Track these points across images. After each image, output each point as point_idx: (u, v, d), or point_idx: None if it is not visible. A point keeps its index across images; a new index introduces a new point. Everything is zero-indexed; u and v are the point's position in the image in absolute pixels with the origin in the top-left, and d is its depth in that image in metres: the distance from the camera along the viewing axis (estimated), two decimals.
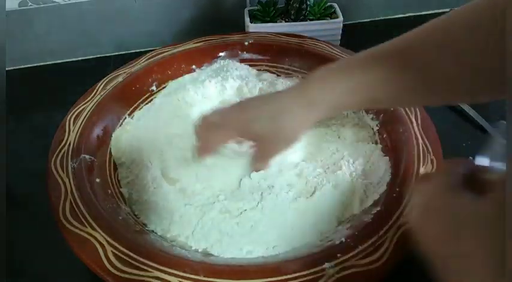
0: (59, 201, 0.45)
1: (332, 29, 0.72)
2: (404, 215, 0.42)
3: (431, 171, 0.47)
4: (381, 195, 0.47)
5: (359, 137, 0.55)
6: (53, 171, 0.48)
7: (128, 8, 0.74)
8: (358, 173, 0.50)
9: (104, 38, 0.77)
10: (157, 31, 0.78)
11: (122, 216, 0.46)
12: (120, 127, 0.57)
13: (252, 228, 0.46)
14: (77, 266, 0.40)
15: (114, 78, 0.61)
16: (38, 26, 0.73)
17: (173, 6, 0.76)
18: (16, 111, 0.67)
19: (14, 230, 0.47)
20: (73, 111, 0.56)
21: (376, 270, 0.38)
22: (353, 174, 0.49)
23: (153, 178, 0.50)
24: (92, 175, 0.49)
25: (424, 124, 0.52)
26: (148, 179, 0.50)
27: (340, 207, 0.47)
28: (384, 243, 0.40)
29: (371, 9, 0.84)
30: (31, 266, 0.48)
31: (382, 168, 0.49)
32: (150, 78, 0.63)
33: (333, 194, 0.47)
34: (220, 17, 0.78)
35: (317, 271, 0.38)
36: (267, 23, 0.72)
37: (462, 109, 0.63)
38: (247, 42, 0.67)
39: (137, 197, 0.50)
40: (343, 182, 0.48)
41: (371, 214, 0.44)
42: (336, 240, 0.42)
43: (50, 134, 0.53)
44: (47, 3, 0.71)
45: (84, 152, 0.51)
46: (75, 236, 0.42)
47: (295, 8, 0.71)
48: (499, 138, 0.56)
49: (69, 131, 0.53)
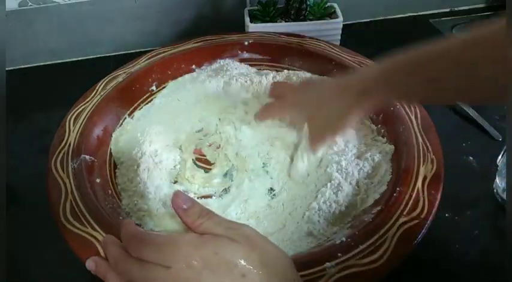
0: (59, 201, 0.45)
1: (332, 29, 0.72)
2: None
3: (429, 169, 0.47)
4: (382, 195, 0.47)
5: (359, 136, 0.55)
6: (53, 171, 0.48)
7: (127, 8, 0.74)
8: (358, 172, 0.49)
9: (104, 38, 0.77)
10: (157, 31, 0.78)
11: (122, 216, 0.46)
12: (120, 127, 0.57)
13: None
14: (77, 266, 0.40)
15: (114, 78, 0.61)
16: (38, 26, 0.73)
17: (173, 6, 0.76)
18: (16, 111, 0.67)
19: (14, 230, 0.46)
20: (73, 111, 0.56)
21: (377, 270, 0.38)
22: (353, 174, 0.49)
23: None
24: (92, 175, 0.49)
25: (424, 124, 0.52)
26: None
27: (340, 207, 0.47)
28: (384, 243, 0.40)
29: (371, 9, 0.84)
30: (31, 266, 0.48)
31: (383, 168, 0.49)
32: (150, 78, 0.63)
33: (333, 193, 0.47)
34: (220, 17, 0.78)
35: (317, 271, 0.38)
36: (267, 23, 0.72)
37: (462, 109, 0.63)
38: (247, 42, 0.67)
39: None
40: (343, 182, 0.48)
41: (371, 214, 0.44)
42: (337, 239, 0.41)
43: (50, 134, 0.53)
44: (47, 3, 0.71)
45: (84, 152, 0.51)
46: (75, 236, 0.42)
47: (295, 8, 0.71)
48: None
49: (69, 131, 0.53)
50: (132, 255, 0.32)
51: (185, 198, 0.34)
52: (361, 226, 0.42)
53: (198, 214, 0.32)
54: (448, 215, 0.50)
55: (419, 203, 0.44)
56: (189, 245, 0.30)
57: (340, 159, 0.50)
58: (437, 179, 0.46)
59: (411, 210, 0.43)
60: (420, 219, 0.42)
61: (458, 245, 0.47)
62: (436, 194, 0.44)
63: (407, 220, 0.42)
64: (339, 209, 0.46)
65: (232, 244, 0.30)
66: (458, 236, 0.48)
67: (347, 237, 0.41)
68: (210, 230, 0.32)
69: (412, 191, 0.45)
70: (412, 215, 0.43)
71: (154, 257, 0.30)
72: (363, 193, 0.48)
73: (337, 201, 0.47)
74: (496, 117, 0.62)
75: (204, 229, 0.32)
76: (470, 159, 0.56)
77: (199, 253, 0.30)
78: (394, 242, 0.40)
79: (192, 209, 0.33)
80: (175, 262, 0.30)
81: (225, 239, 0.31)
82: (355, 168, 0.49)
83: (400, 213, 0.43)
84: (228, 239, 0.30)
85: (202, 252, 0.30)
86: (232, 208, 0.49)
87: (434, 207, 0.43)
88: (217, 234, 0.31)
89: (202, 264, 0.29)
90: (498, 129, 0.59)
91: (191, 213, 0.33)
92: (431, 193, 0.45)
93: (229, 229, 0.31)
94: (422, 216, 0.42)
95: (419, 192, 0.45)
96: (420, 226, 0.42)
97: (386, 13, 0.85)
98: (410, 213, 0.43)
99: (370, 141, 0.54)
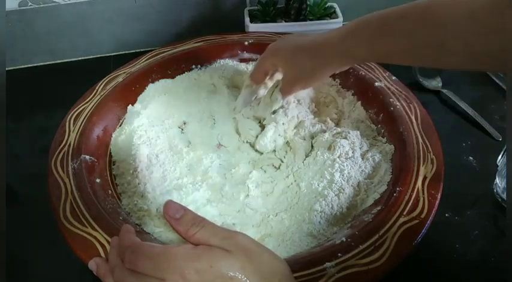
0: (59, 201, 0.45)
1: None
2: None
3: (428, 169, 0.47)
4: (382, 195, 0.47)
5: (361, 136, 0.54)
6: (53, 171, 0.48)
7: (128, 8, 0.74)
8: (360, 174, 0.49)
9: (104, 38, 0.77)
10: (157, 31, 0.78)
11: (122, 216, 0.46)
12: (120, 127, 0.57)
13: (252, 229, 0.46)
14: (77, 266, 0.40)
15: (114, 78, 0.61)
16: (38, 26, 0.73)
17: (173, 6, 0.76)
18: (16, 111, 0.67)
19: (14, 229, 0.46)
20: (73, 111, 0.56)
21: (377, 270, 0.38)
22: (355, 176, 0.49)
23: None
24: (92, 175, 0.49)
25: (424, 124, 0.52)
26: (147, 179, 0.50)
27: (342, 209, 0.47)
28: (384, 243, 0.40)
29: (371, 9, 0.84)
30: (31, 266, 0.48)
31: (383, 168, 0.49)
32: (150, 78, 0.63)
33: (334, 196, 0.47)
34: (220, 17, 0.78)
35: (318, 271, 0.38)
36: (267, 23, 0.72)
37: (462, 109, 0.63)
38: (247, 42, 0.67)
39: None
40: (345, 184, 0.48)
41: (371, 213, 0.44)
42: (336, 239, 0.41)
43: (50, 134, 0.53)
44: (47, 3, 0.71)
45: (84, 152, 0.51)
46: (75, 236, 0.42)
47: (295, 8, 0.71)
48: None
49: (69, 131, 0.53)
50: (126, 267, 0.32)
51: (177, 207, 0.34)
52: (361, 226, 0.42)
53: (191, 222, 0.32)
54: (448, 215, 0.50)
55: (419, 203, 0.44)
56: (183, 257, 0.30)
57: (343, 163, 0.49)
58: (437, 179, 0.46)
59: (411, 210, 0.43)
60: (420, 219, 0.42)
61: (458, 245, 0.47)
62: (436, 194, 0.44)
63: (407, 220, 0.42)
64: (340, 211, 0.46)
65: (227, 256, 0.30)
66: (458, 236, 0.48)
67: (347, 237, 0.41)
68: (204, 240, 0.31)
69: (412, 191, 0.45)
70: (412, 215, 0.43)
71: (149, 269, 0.30)
72: (363, 193, 0.48)
73: (339, 203, 0.46)
74: (496, 117, 0.62)
75: (198, 239, 0.32)
76: (470, 159, 0.56)
77: (193, 265, 0.30)
78: (394, 242, 0.40)
79: (185, 218, 0.33)
80: (170, 274, 0.30)
81: (220, 251, 0.30)
82: (357, 171, 0.49)
83: (400, 213, 0.43)
84: (223, 251, 0.30)
85: (197, 264, 0.30)
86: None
87: (434, 207, 0.43)
88: (211, 245, 0.31)
89: (197, 277, 0.29)
90: (498, 129, 0.59)
91: (184, 222, 0.33)
92: (431, 193, 0.45)
93: (224, 239, 0.31)
94: (422, 216, 0.42)
95: (419, 192, 0.45)
96: (420, 226, 0.42)
97: None
98: (410, 213, 0.43)
99: (370, 141, 0.54)
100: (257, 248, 0.32)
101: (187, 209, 0.34)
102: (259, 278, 0.30)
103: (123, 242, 0.34)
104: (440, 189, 0.45)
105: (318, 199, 0.47)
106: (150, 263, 0.31)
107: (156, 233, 0.46)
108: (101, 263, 0.37)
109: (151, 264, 0.30)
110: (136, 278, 0.31)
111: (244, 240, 0.32)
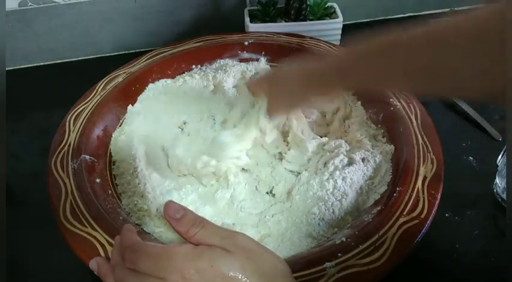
0: (59, 201, 0.45)
1: (332, 29, 0.72)
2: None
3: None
4: (382, 195, 0.47)
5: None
6: (53, 171, 0.48)
7: (128, 8, 0.74)
8: (358, 172, 0.49)
9: (104, 38, 0.77)
10: (157, 31, 0.78)
11: (122, 216, 0.46)
12: (120, 127, 0.57)
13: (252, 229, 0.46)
14: (77, 266, 0.40)
15: (114, 78, 0.61)
16: (38, 26, 0.73)
17: (173, 6, 0.76)
18: (16, 111, 0.67)
19: (14, 229, 0.46)
20: (73, 111, 0.56)
21: (377, 270, 0.38)
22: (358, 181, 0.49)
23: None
24: (92, 175, 0.49)
25: (424, 124, 0.52)
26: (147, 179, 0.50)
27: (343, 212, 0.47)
28: (384, 243, 0.40)
29: (371, 9, 0.84)
30: (31, 266, 0.48)
31: (383, 168, 0.49)
32: (150, 78, 0.63)
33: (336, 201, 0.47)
34: (220, 17, 0.78)
35: (318, 271, 0.38)
36: (267, 23, 0.72)
37: (462, 109, 0.63)
38: (247, 42, 0.67)
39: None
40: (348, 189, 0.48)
41: (371, 214, 0.44)
42: (336, 239, 0.41)
43: (50, 134, 0.53)
44: (47, 3, 0.71)
45: (84, 152, 0.51)
46: (75, 236, 0.42)
47: (295, 8, 0.71)
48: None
49: (69, 131, 0.53)
50: (127, 267, 0.32)
51: (177, 207, 0.34)
52: (361, 226, 0.42)
53: (191, 223, 0.32)
54: (448, 215, 0.50)
55: (419, 203, 0.44)
56: (184, 256, 0.30)
57: (345, 169, 0.49)
58: (437, 179, 0.46)
59: (411, 210, 0.43)
60: (420, 219, 0.42)
61: (458, 245, 0.47)
62: (436, 194, 0.44)
63: (407, 220, 0.42)
64: (341, 215, 0.46)
65: (227, 255, 0.30)
66: (458, 236, 0.48)
67: (347, 237, 0.41)
68: (205, 240, 0.31)
69: (412, 191, 0.45)
70: (412, 215, 0.43)
71: (149, 268, 0.30)
72: (364, 194, 0.48)
73: (341, 207, 0.46)
74: (496, 117, 0.62)
75: (199, 239, 0.32)
76: (470, 159, 0.56)
77: (194, 265, 0.30)
78: (394, 242, 0.40)
79: (185, 218, 0.33)
80: (170, 274, 0.30)
81: (220, 251, 0.30)
82: (360, 176, 0.49)
83: (400, 213, 0.43)
84: (223, 250, 0.30)
85: (198, 264, 0.30)
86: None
87: (434, 207, 0.43)
88: (212, 245, 0.31)
89: (198, 276, 0.29)
90: (498, 129, 0.59)
91: (184, 222, 0.33)
92: (431, 193, 0.45)
93: (224, 239, 0.31)
94: (422, 216, 0.42)
95: (419, 192, 0.45)
96: (420, 226, 0.42)
97: (386, 13, 0.85)
98: (410, 213, 0.43)
99: (370, 141, 0.54)
100: (257, 248, 0.32)
101: (187, 209, 0.34)
102: (260, 278, 0.30)
103: (124, 241, 0.34)
104: (440, 189, 0.45)
105: (316, 203, 0.47)
106: (150, 262, 0.31)
107: (156, 233, 0.46)
108: (102, 262, 0.37)
109: (152, 263, 0.30)
110: (136, 277, 0.31)
111: (245, 240, 0.32)
